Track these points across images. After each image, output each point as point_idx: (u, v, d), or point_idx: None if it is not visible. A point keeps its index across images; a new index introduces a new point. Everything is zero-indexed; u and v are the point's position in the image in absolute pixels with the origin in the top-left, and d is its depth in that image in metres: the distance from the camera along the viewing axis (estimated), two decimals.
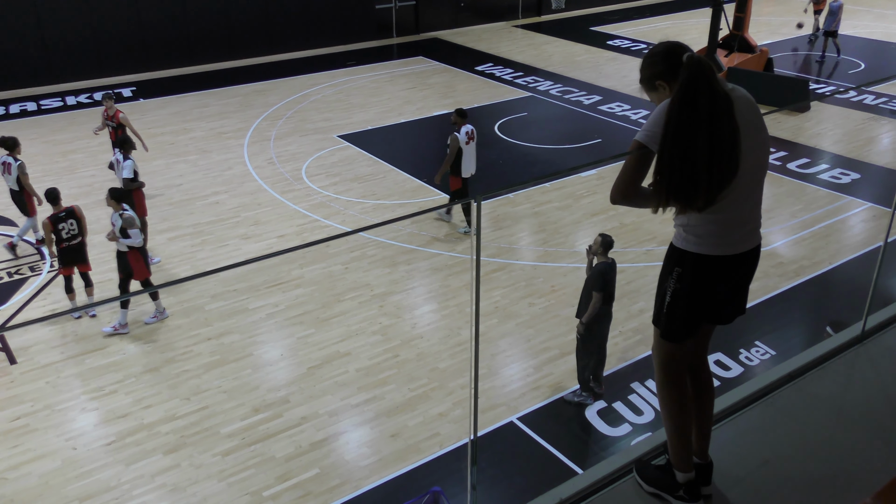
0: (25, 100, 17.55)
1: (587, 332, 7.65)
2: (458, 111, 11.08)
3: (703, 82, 2.68)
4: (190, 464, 7.16)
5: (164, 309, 9.38)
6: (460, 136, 10.93)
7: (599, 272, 7.50)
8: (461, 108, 11.17)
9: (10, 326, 8.45)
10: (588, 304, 7.55)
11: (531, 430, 7.58)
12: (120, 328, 9.07)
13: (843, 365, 4.09)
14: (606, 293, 7.52)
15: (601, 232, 7.76)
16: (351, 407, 7.89)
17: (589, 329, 7.63)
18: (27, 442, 7.44)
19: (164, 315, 9.34)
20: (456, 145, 10.90)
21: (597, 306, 7.49)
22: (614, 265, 7.63)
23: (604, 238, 7.59)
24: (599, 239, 7.59)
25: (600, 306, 7.51)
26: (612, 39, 23.24)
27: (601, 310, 7.57)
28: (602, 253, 7.57)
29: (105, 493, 6.85)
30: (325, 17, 21.72)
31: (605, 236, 7.61)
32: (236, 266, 2.46)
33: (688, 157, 2.70)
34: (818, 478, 3.32)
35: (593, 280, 7.51)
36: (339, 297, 9.76)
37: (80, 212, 9.34)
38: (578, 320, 7.72)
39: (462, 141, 10.93)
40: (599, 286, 7.45)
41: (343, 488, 6.92)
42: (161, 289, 10.37)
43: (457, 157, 11.00)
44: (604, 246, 7.56)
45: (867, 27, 24.12)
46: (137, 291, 10.06)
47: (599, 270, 7.51)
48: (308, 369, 8.45)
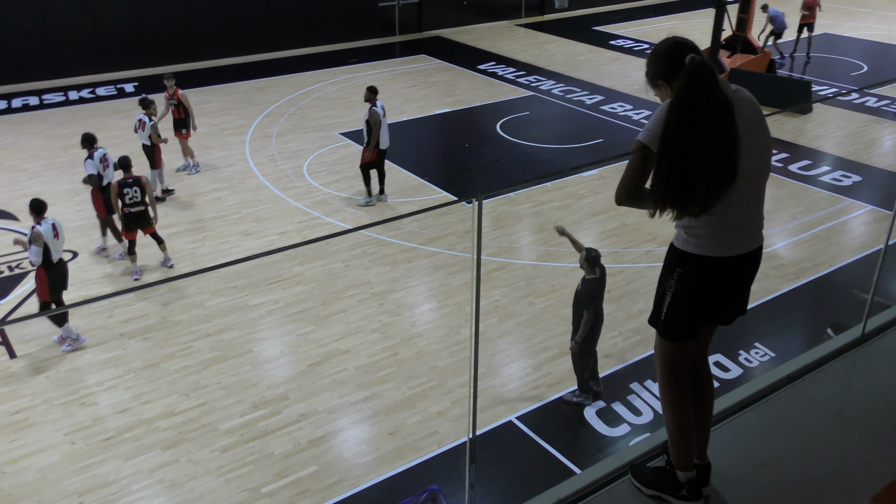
0: (28, 94, 17.55)
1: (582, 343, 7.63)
2: (370, 88, 11.86)
3: (702, 88, 2.67)
4: (188, 459, 7.16)
5: (79, 335, 8.73)
6: (378, 109, 11.71)
7: (588, 291, 7.41)
8: (373, 86, 11.96)
9: (10, 321, 8.41)
10: (579, 322, 7.49)
11: (530, 429, 7.58)
12: (73, 342, 8.66)
13: (842, 367, 4.09)
14: (598, 308, 7.49)
15: (586, 247, 7.60)
16: (350, 404, 7.89)
17: (584, 341, 7.62)
18: (26, 436, 7.45)
19: (81, 341, 8.70)
20: (377, 118, 11.68)
21: (589, 324, 7.44)
22: (602, 278, 7.51)
23: (588, 253, 7.44)
24: (584, 253, 7.46)
25: (593, 322, 7.48)
26: (615, 39, 23.22)
27: (594, 324, 7.54)
28: (588, 269, 7.44)
29: (103, 487, 6.86)
30: (327, 15, 21.70)
31: (589, 251, 7.47)
32: (237, 262, 2.46)
33: (685, 165, 2.69)
34: (817, 479, 3.32)
35: (584, 300, 7.43)
36: (339, 295, 9.76)
37: (145, 181, 10.02)
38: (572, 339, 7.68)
39: (380, 114, 11.73)
40: (590, 305, 7.40)
41: (341, 486, 6.92)
42: (159, 285, 10.36)
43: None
44: (588, 262, 7.42)
45: (869, 29, 24.10)
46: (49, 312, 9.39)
47: (587, 290, 7.42)
48: (307, 366, 8.46)
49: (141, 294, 9.73)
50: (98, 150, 10.46)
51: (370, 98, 11.80)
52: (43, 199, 8.82)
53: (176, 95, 12.91)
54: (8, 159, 13.91)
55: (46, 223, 8.53)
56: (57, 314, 8.69)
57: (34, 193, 12.20)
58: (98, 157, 10.37)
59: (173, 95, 12.91)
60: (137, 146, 12.43)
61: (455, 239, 11.18)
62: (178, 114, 12.98)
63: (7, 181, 13.04)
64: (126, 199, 9.88)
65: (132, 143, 14.60)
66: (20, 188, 12.71)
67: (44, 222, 8.52)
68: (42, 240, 8.41)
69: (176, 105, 12.94)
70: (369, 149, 11.90)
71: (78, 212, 11.88)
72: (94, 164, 10.31)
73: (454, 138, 15.45)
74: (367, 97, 11.84)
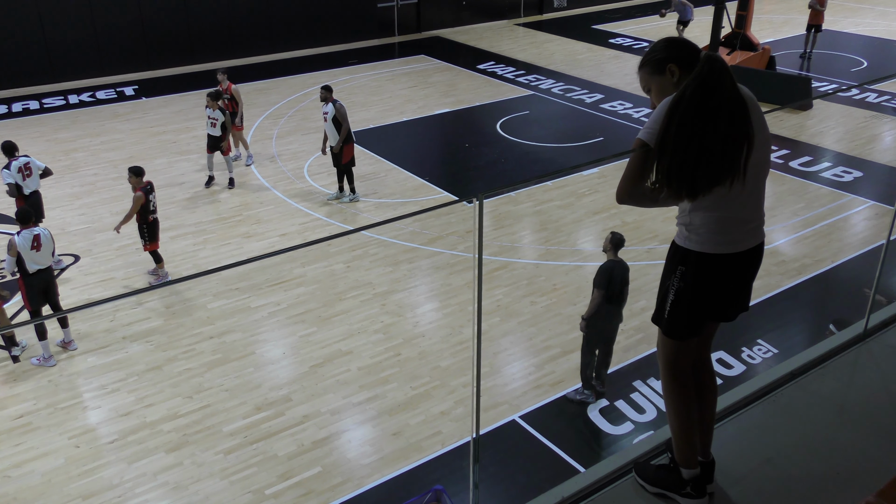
0: (28, 98, 17.56)
1: (589, 328, 7.63)
2: (327, 87, 12.08)
3: (720, 82, 2.66)
4: (192, 462, 7.17)
5: (51, 356, 8.54)
6: (344, 106, 12.02)
7: (604, 269, 7.45)
8: (328, 85, 12.23)
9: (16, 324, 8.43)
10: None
11: (533, 428, 7.58)
12: (43, 360, 8.52)
13: (845, 363, 4.09)
14: (610, 292, 7.46)
15: (612, 230, 7.71)
16: (353, 405, 7.90)
17: (592, 326, 7.60)
18: (30, 440, 7.45)
19: (51, 363, 8.49)
20: (345, 112, 11.93)
21: (596, 303, 7.43)
22: (622, 264, 7.53)
23: (613, 236, 7.53)
24: (609, 236, 7.55)
25: (604, 304, 7.46)
26: (614, 38, 23.22)
27: (608, 309, 7.51)
28: (611, 250, 7.51)
29: (107, 491, 6.86)
30: (326, 16, 21.71)
31: (615, 234, 7.55)
32: (239, 265, 2.47)
33: (691, 147, 2.67)
34: (820, 476, 3.31)
35: (597, 277, 7.46)
36: (340, 296, 9.76)
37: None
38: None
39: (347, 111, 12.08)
40: (601, 283, 7.40)
41: (345, 486, 6.92)
42: (158, 289, 10.36)
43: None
44: (613, 244, 7.50)
45: (869, 25, 24.09)
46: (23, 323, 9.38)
47: (604, 268, 7.46)
48: (310, 368, 8.46)
49: (143, 297, 9.74)
50: (19, 158, 10.12)
51: (327, 97, 11.94)
52: (29, 209, 8.75)
53: (229, 90, 13.34)
54: None
55: (29, 233, 8.37)
56: (38, 328, 8.44)
57: None
58: (16, 167, 10.01)
59: (226, 90, 13.31)
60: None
61: (456, 239, 11.19)
62: (231, 107, 13.36)
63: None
64: (150, 206, 9.84)
65: (132, 146, 14.65)
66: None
67: (27, 232, 8.38)
68: (15, 249, 8.29)
69: (228, 99, 13.33)
70: (339, 145, 11.95)
71: (80, 216, 11.90)
72: (12, 174, 9.99)
73: (454, 138, 15.45)
74: (326, 96, 11.96)
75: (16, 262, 8.34)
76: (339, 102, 11.98)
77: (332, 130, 11.93)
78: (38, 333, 8.49)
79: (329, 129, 11.96)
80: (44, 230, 8.61)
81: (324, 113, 12.03)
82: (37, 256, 8.42)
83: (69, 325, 8.84)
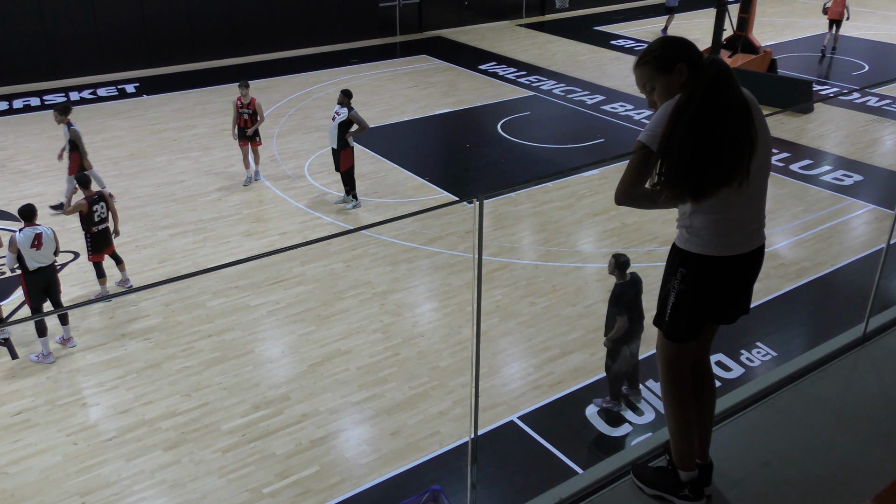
0: (29, 95, 17.56)
1: (615, 343, 7.47)
2: (347, 92, 11.86)
3: (724, 87, 2.67)
4: (190, 460, 7.17)
5: (50, 353, 8.53)
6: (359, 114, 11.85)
7: (618, 295, 7.28)
8: (349, 90, 11.97)
9: (12, 321, 8.42)
10: (612, 325, 7.38)
11: (531, 429, 7.58)
12: (42, 357, 8.49)
13: (843, 367, 4.09)
14: (632, 314, 7.31)
15: (614, 252, 7.47)
16: (351, 404, 7.90)
17: (617, 343, 7.46)
18: (28, 437, 7.45)
19: (50, 360, 8.48)
20: (360, 119, 11.75)
21: (623, 328, 7.28)
22: (636, 281, 7.37)
23: (617, 259, 7.32)
24: (612, 260, 7.35)
25: (627, 326, 7.30)
26: (616, 39, 23.21)
27: (630, 327, 7.37)
28: (619, 274, 7.33)
29: (105, 488, 6.86)
30: (328, 15, 21.71)
31: (617, 256, 7.34)
32: (238, 263, 2.47)
33: (698, 148, 2.68)
34: (818, 479, 3.32)
35: (614, 304, 7.31)
36: (340, 295, 9.76)
37: (107, 197, 9.71)
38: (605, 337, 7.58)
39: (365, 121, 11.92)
40: (622, 309, 7.25)
41: (343, 486, 6.92)
42: (157, 287, 10.33)
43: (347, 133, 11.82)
44: (618, 266, 7.31)
45: (871, 29, 24.09)
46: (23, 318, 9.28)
47: (617, 293, 7.29)
48: (309, 366, 8.46)
49: (142, 294, 9.73)
50: (35, 227, 9.60)
51: (346, 101, 11.72)
52: (33, 205, 8.70)
53: (252, 104, 12.61)
54: (9, 160, 13.92)
55: (31, 231, 8.36)
56: (39, 324, 8.44)
57: (35, 194, 12.24)
58: (28, 237, 9.75)
59: (248, 104, 12.57)
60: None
61: (456, 239, 11.19)
62: (250, 122, 12.70)
63: (8, 182, 13.05)
64: (95, 217, 9.37)
65: (133, 144, 14.65)
66: (21, 189, 12.72)
67: (28, 229, 8.37)
68: (15, 246, 8.31)
69: (250, 114, 12.63)
70: (348, 150, 11.83)
71: None
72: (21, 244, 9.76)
73: (455, 138, 15.45)
74: (343, 100, 11.73)
75: (16, 259, 8.34)
76: (354, 110, 11.74)
77: (335, 132, 11.84)
78: (37, 330, 8.49)
79: (332, 129, 11.90)
80: (46, 229, 8.59)
81: (335, 112, 11.81)
82: (37, 255, 8.41)
83: (69, 322, 8.85)
